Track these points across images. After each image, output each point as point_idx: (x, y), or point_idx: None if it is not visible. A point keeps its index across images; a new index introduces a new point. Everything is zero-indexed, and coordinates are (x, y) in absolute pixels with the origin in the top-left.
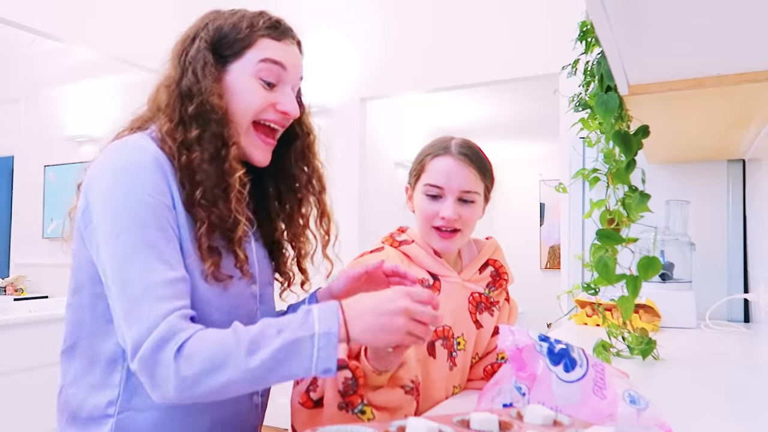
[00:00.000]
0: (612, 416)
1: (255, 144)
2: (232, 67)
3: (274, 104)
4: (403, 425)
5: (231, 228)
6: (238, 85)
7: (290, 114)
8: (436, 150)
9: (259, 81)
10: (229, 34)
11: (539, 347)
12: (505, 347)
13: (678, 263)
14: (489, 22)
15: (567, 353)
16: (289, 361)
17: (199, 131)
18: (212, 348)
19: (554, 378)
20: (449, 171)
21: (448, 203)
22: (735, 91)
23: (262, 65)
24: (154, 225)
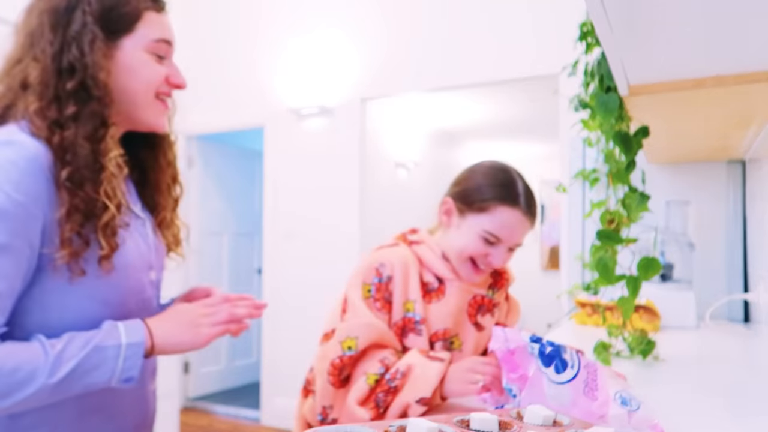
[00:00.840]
0: (603, 417)
1: (159, 112)
2: (123, 42)
3: (167, 77)
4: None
5: (98, 213)
6: (133, 60)
7: (182, 86)
8: (503, 195)
9: (152, 55)
10: (116, 7)
11: (531, 349)
12: (496, 349)
13: (678, 263)
14: (489, 23)
15: (558, 354)
16: (93, 371)
17: (77, 108)
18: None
19: (545, 379)
20: (515, 228)
21: (500, 252)
22: (735, 92)
23: (155, 45)
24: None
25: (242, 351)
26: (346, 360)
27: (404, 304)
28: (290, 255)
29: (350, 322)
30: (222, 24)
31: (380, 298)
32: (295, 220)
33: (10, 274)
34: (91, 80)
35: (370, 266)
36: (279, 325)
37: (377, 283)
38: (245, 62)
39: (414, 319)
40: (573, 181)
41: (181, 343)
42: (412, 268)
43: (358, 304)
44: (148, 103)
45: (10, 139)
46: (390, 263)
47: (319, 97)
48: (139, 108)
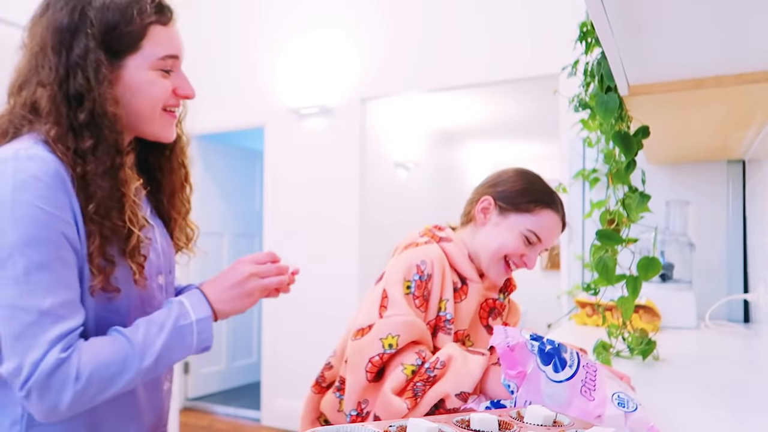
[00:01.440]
0: (599, 418)
1: (166, 124)
2: (127, 62)
3: (174, 90)
4: (404, 425)
5: (124, 239)
6: (138, 78)
7: (190, 96)
8: (549, 201)
9: (159, 72)
10: (119, 26)
11: (530, 346)
12: (497, 345)
13: (678, 263)
14: (489, 23)
15: (557, 353)
16: (176, 349)
17: (93, 141)
18: (108, 362)
19: (543, 377)
20: (553, 230)
21: (535, 253)
22: (735, 92)
23: (161, 62)
24: (49, 242)
25: (242, 351)
26: (386, 357)
27: (439, 302)
28: (290, 255)
29: (392, 319)
30: (222, 24)
31: (420, 295)
32: (295, 220)
33: (72, 282)
34: (101, 112)
35: (411, 263)
36: (279, 326)
37: (418, 280)
38: (246, 62)
39: (445, 317)
40: (573, 181)
41: (235, 309)
42: (446, 267)
43: (400, 301)
44: (154, 118)
45: (32, 154)
46: (430, 261)
47: (319, 97)
48: (145, 122)
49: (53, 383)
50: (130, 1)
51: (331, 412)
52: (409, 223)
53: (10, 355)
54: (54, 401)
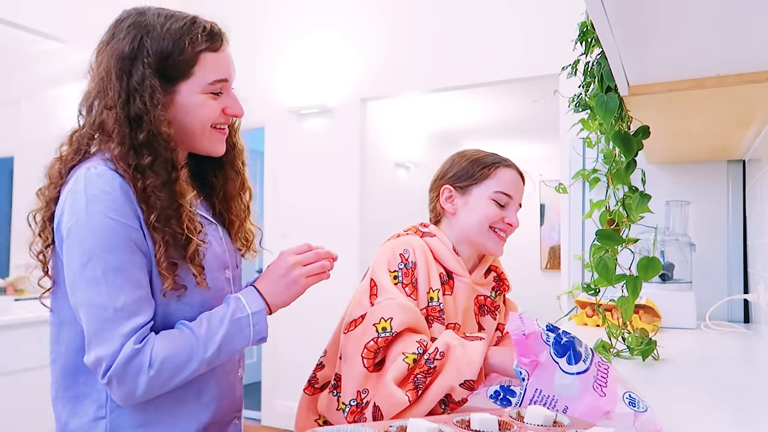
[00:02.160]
0: (608, 414)
1: (215, 141)
2: (180, 87)
3: (223, 109)
4: (404, 425)
5: (184, 245)
6: (190, 102)
7: (239, 115)
8: (500, 161)
9: (209, 95)
10: (172, 55)
11: (546, 336)
12: (512, 331)
13: (678, 264)
14: (489, 23)
15: (573, 346)
16: (235, 340)
17: (151, 158)
18: (177, 352)
19: (557, 368)
20: (516, 183)
21: (513, 211)
22: (735, 92)
23: (211, 87)
24: (122, 248)
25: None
26: (381, 342)
27: (428, 292)
28: None
29: (383, 304)
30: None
31: (409, 283)
32: (294, 221)
33: (142, 282)
34: (156, 133)
35: (393, 252)
36: (279, 326)
37: (404, 268)
38: (246, 62)
39: (438, 307)
40: (573, 182)
41: (287, 299)
42: (429, 257)
43: (389, 287)
44: (204, 135)
45: (100, 171)
46: (412, 249)
47: (319, 97)
48: (196, 140)
49: (130, 371)
50: (183, 32)
51: (329, 411)
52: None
53: (92, 348)
54: (131, 387)
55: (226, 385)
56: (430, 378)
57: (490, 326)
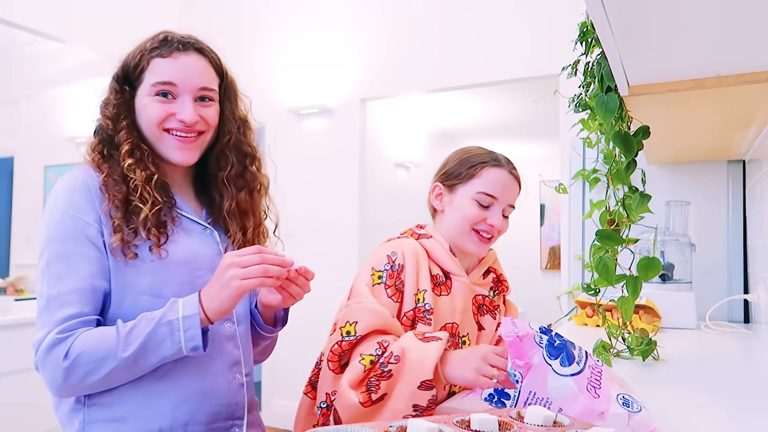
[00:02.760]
0: (602, 414)
1: (171, 147)
2: (138, 91)
3: (173, 114)
4: (404, 425)
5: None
6: (140, 104)
7: (186, 122)
8: (488, 160)
9: (155, 97)
10: (129, 64)
11: (539, 339)
12: (506, 334)
13: (678, 264)
14: (489, 23)
15: (566, 348)
16: (162, 344)
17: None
18: (94, 349)
19: (550, 370)
20: (504, 183)
21: (496, 212)
22: (735, 92)
23: (153, 88)
24: (69, 239)
25: None
26: (345, 345)
27: (415, 294)
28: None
29: (351, 307)
30: (223, 24)
31: (392, 285)
32: (295, 220)
33: (84, 274)
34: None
35: (381, 254)
36: None
37: (389, 270)
38: (246, 62)
39: (423, 308)
40: (573, 182)
41: (221, 303)
42: (422, 259)
43: (362, 290)
44: (157, 139)
45: (71, 173)
46: (402, 252)
47: (319, 97)
48: (153, 142)
49: (49, 360)
50: (144, 43)
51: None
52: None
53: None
54: (51, 377)
55: (212, 386)
56: (385, 381)
57: (490, 325)
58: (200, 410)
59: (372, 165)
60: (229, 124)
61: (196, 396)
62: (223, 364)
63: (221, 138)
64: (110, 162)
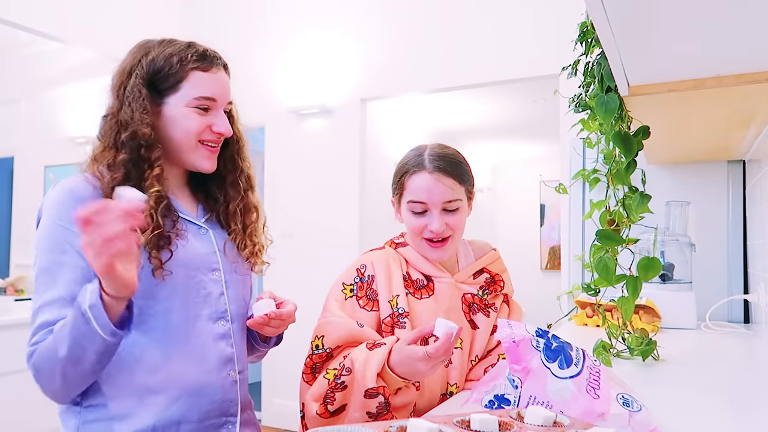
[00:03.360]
0: (603, 415)
1: (202, 156)
2: (168, 99)
3: (209, 126)
4: (404, 425)
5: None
6: (175, 113)
7: (224, 134)
8: (411, 167)
9: (194, 109)
10: (163, 69)
11: (536, 342)
12: (502, 339)
13: (678, 264)
14: (489, 23)
15: (563, 350)
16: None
17: (127, 156)
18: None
19: (549, 374)
20: (428, 187)
21: (434, 216)
22: (735, 92)
23: (196, 101)
24: (54, 250)
25: None
26: (316, 358)
27: (389, 300)
28: (290, 255)
29: (319, 322)
30: (222, 24)
31: (363, 296)
32: (295, 221)
33: (65, 281)
34: (138, 133)
35: (350, 269)
36: None
37: (359, 282)
38: (245, 62)
39: (397, 312)
40: (573, 182)
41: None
42: (394, 266)
43: (329, 305)
44: (191, 149)
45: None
46: (370, 263)
47: (319, 97)
48: (183, 153)
49: (30, 368)
50: (176, 51)
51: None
52: None
53: None
54: (38, 382)
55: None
56: (340, 393)
57: (485, 323)
58: (193, 407)
59: (372, 165)
60: (236, 133)
61: (189, 394)
62: (217, 361)
63: (232, 144)
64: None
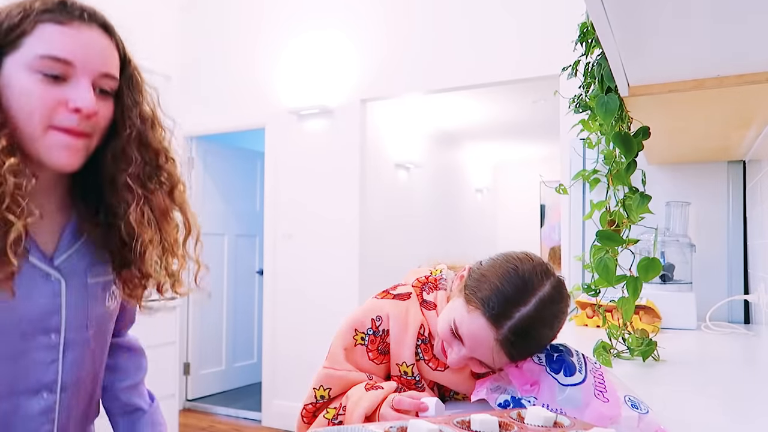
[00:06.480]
0: (614, 419)
1: (54, 146)
2: (6, 60)
3: (63, 102)
4: (404, 425)
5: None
6: (13, 81)
7: (83, 110)
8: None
9: (38, 75)
10: (2, 23)
11: (537, 358)
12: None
13: (678, 264)
14: (489, 24)
15: (564, 359)
16: None
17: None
18: None
19: (556, 383)
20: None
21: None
22: (735, 93)
23: (40, 62)
24: None
25: (243, 352)
26: (320, 405)
27: (398, 364)
28: (290, 256)
29: (326, 371)
30: (223, 25)
31: (374, 349)
32: (295, 221)
33: None
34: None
35: (366, 315)
36: (280, 327)
37: (371, 335)
38: (246, 63)
39: (413, 380)
40: (573, 182)
41: None
42: (411, 328)
43: (336, 354)
44: (37, 135)
45: None
46: (387, 318)
47: (320, 97)
48: (28, 140)
49: None
50: (25, 2)
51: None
52: (410, 224)
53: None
54: None
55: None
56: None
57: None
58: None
59: (372, 166)
60: (131, 118)
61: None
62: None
63: (121, 133)
64: None
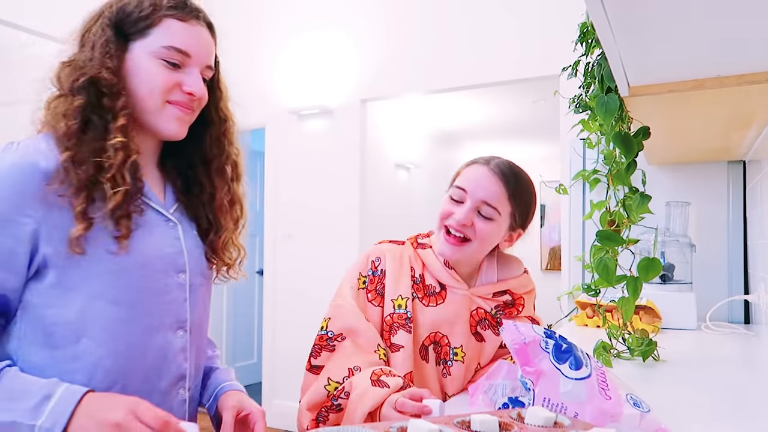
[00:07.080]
0: (615, 417)
1: (170, 117)
2: (134, 45)
3: (179, 84)
4: (404, 426)
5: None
6: (140, 63)
7: (195, 94)
8: (476, 160)
9: (161, 62)
10: (132, 13)
11: (545, 344)
12: (511, 341)
13: (678, 264)
14: (489, 24)
15: (572, 352)
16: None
17: (84, 101)
18: None
19: (560, 375)
20: (477, 178)
21: (465, 208)
22: (735, 93)
23: (164, 51)
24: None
25: (243, 352)
26: (319, 339)
27: (393, 299)
28: (291, 256)
29: (331, 304)
30: (222, 24)
31: (373, 289)
32: (295, 221)
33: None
34: (96, 77)
35: (367, 258)
36: (280, 327)
37: (371, 275)
38: (246, 63)
39: (405, 315)
40: (573, 182)
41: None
42: (405, 266)
43: (344, 289)
44: (156, 108)
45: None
46: (384, 257)
47: (320, 98)
48: (146, 113)
49: None
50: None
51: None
52: (410, 224)
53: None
54: None
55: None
56: (334, 414)
57: (493, 340)
58: None
59: (372, 166)
60: (224, 111)
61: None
62: (168, 379)
63: (218, 123)
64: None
